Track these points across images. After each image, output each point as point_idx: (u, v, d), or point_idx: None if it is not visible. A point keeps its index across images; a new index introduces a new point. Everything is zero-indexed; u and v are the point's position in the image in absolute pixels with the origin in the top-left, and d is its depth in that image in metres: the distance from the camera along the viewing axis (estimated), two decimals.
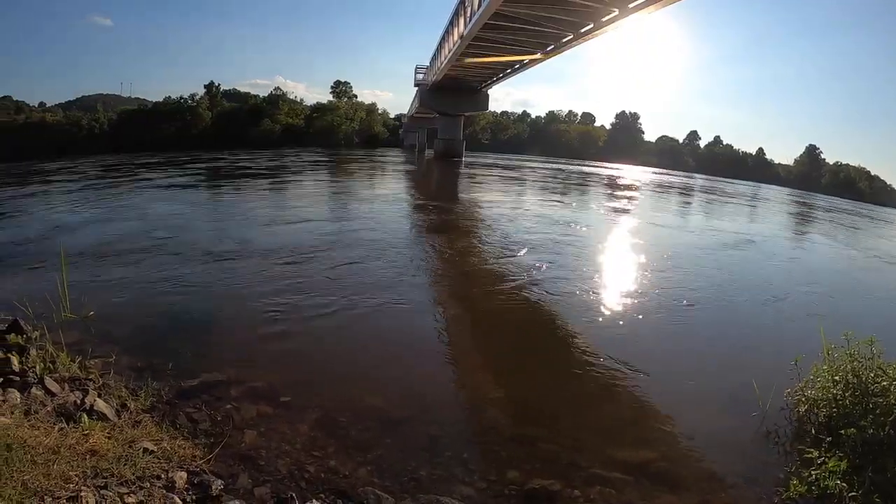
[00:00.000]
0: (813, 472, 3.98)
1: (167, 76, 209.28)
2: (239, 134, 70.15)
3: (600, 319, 8.06)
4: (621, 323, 7.99)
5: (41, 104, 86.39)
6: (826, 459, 3.97)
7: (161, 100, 78.83)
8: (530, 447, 4.60)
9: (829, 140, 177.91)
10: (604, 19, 21.06)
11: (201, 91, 79.31)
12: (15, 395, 4.25)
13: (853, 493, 3.72)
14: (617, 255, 13.21)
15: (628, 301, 8.99)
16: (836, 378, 4.89)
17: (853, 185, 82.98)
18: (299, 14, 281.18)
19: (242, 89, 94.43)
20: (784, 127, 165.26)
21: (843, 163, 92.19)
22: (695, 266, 12.17)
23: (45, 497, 2.96)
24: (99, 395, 4.55)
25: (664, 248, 14.04)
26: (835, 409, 4.76)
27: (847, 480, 3.80)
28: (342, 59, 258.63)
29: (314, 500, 3.59)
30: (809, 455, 4.16)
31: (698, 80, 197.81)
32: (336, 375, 5.78)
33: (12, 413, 3.90)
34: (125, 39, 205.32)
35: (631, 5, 18.75)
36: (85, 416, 4.06)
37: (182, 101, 76.99)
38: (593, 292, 9.41)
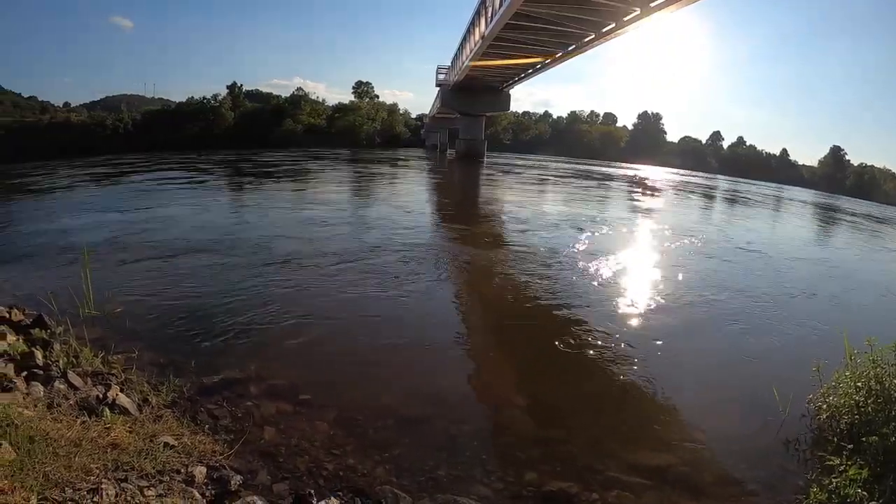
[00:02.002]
0: (833, 480, 3.90)
1: (188, 76, 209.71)
2: (261, 134, 70.63)
3: (621, 323, 7.98)
4: (642, 327, 7.91)
5: (66, 104, 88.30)
6: (847, 467, 3.89)
7: (184, 99, 79.86)
8: (548, 449, 4.58)
9: (852, 140, 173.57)
10: (625, 18, 20.91)
11: (223, 91, 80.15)
12: (38, 388, 4.34)
13: (873, 503, 3.65)
14: (643, 264, 13.09)
15: (649, 308, 8.90)
16: (859, 384, 4.80)
17: (878, 187, 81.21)
18: (318, 14, 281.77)
19: (264, 90, 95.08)
20: (808, 127, 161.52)
21: (868, 164, 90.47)
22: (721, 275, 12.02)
23: (66, 488, 3.01)
24: (121, 390, 4.62)
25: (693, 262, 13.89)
26: (857, 416, 4.67)
27: (868, 489, 3.72)
28: (362, 59, 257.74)
29: (332, 498, 3.61)
30: (830, 462, 4.07)
31: (722, 80, 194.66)
32: (355, 374, 5.80)
33: (35, 406, 3.98)
34: (146, 40, 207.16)
35: (652, 4, 18.60)
36: (107, 409, 4.13)
37: (205, 101, 77.70)
38: (614, 294, 9.34)
